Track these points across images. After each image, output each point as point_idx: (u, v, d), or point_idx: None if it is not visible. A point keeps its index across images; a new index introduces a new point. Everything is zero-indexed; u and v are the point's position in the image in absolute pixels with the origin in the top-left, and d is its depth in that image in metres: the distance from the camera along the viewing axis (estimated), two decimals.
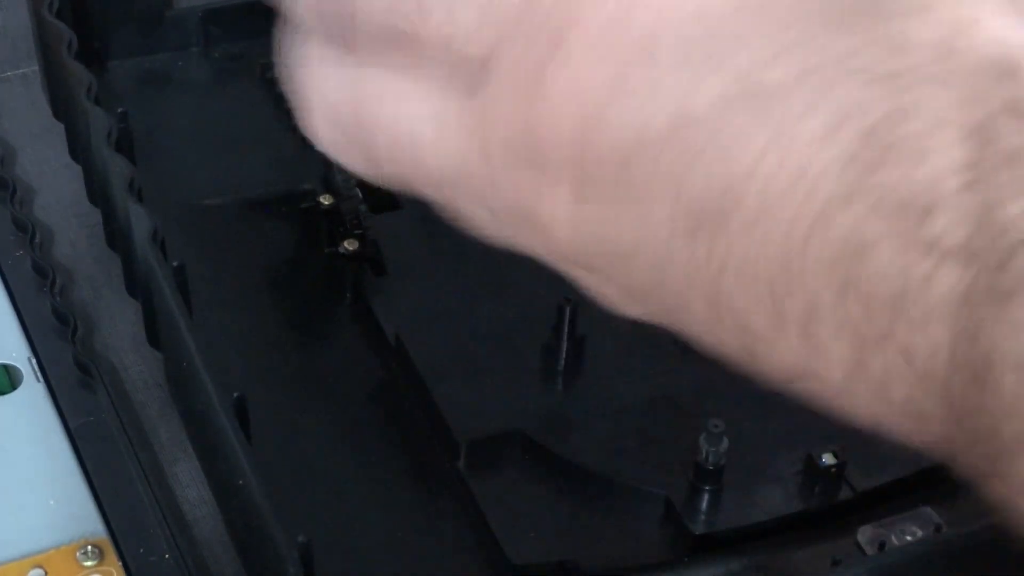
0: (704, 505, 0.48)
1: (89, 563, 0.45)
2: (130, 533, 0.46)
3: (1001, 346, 0.25)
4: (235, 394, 0.44)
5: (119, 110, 0.53)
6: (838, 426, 0.50)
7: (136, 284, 0.52)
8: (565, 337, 0.51)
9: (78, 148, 0.57)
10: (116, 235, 0.53)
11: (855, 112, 0.26)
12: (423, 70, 0.30)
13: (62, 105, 0.58)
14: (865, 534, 0.47)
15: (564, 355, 0.51)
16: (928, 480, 0.49)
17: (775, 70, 0.27)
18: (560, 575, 0.46)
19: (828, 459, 0.48)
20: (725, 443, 0.47)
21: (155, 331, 0.51)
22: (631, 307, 0.31)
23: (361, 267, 0.55)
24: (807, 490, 0.48)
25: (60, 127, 0.58)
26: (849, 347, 0.27)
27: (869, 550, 0.47)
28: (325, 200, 0.55)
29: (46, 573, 0.45)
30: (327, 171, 0.56)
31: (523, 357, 0.52)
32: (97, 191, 0.55)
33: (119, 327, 0.54)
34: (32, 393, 0.50)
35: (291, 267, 0.56)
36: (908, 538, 0.47)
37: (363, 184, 0.55)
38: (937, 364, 0.26)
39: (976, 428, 0.26)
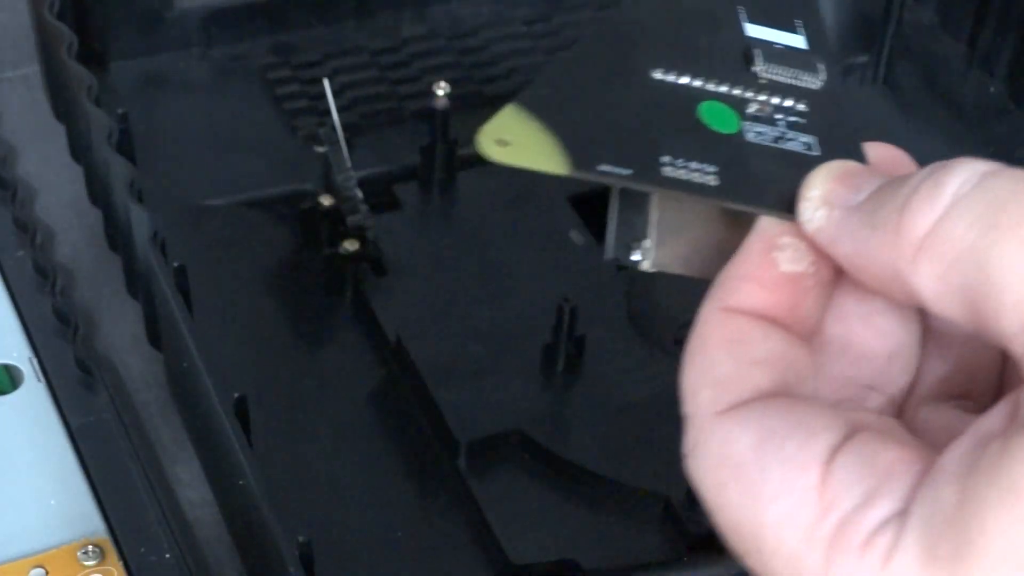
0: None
1: (90, 563, 0.45)
2: (131, 533, 0.46)
3: None
4: (236, 394, 0.44)
5: (120, 111, 0.53)
6: None
7: (137, 284, 0.52)
8: (565, 337, 0.51)
9: (79, 149, 0.57)
10: (117, 235, 0.53)
11: None
12: None
13: (63, 106, 0.58)
14: None
15: (564, 355, 0.52)
16: None
17: None
18: (560, 574, 0.47)
19: None
20: None
21: (156, 331, 0.51)
22: None
23: (361, 267, 0.55)
24: None
25: (61, 128, 0.58)
26: None
27: None
28: (325, 200, 0.55)
29: (47, 573, 0.45)
30: (327, 171, 0.56)
31: (523, 357, 0.52)
32: (98, 191, 0.55)
33: (120, 327, 0.54)
34: (33, 393, 0.50)
35: (291, 267, 0.56)
36: None
37: (363, 184, 0.55)
38: None
39: None
